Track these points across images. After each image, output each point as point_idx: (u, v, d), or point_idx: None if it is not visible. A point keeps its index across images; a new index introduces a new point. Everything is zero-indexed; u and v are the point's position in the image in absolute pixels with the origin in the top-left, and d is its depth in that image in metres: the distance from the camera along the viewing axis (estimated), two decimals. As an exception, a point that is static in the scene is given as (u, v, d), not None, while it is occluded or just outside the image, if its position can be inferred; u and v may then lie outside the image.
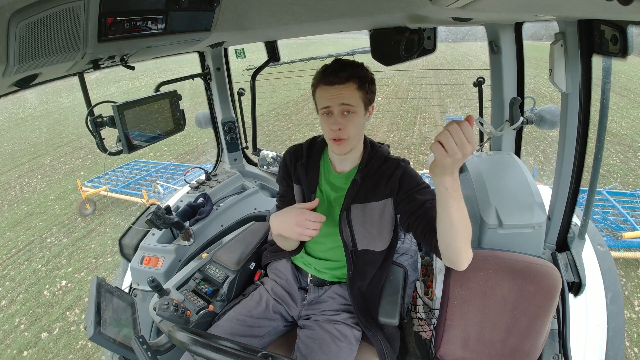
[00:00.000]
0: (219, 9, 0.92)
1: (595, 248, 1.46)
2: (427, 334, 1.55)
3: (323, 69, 1.13)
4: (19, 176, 8.39)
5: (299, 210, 1.11)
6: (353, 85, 1.10)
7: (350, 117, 1.12)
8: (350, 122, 1.12)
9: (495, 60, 1.64)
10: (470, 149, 0.79)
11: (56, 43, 0.66)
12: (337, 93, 1.09)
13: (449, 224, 0.93)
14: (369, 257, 1.28)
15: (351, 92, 1.10)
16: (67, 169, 8.59)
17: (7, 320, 3.86)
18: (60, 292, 4.21)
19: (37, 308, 3.96)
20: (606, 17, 0.85)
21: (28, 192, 7.43)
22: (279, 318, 1.35)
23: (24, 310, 3.96)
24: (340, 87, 1.09)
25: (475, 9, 0.83)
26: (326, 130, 1.15)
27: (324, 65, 1.15)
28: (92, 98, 1.15)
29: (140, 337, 0.98)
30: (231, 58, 2.27)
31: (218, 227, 1.90)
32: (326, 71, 1.11)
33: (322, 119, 1.15)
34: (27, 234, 5.64)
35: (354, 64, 1.12)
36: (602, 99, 1.14)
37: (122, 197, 5.91)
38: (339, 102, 1.10)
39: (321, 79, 1.12)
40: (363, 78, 1.12)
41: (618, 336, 1.26)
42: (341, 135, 1.12)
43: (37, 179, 8.12)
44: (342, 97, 1.09)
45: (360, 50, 1.94)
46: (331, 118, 1.12)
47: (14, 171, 8.75)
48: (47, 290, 4.26)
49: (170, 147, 9.02)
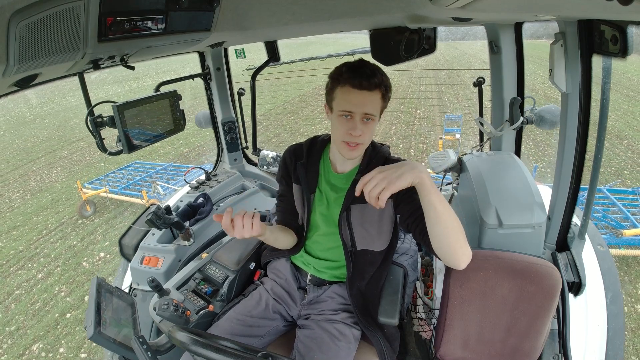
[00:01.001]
0: (219, 9, 0.92)
1: (595, 248, 1.46)
2: (427, 334, 1.55)
3: (350, 68, 1.06)
4: (37, 169, 8.81)
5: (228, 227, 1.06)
6: (379, 93, 1.07)
7: (368, 124, 1.10)
8: (367, 129, 1.10)
9: (495, 60, 1.64)
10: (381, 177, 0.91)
11: (56, 43, 0.66)
12: (363, 100, 1.05)
13: (440, 230, 0.97)
14: (368, 257, 1.28)
15: (376, 100, 1.07)
16: (87, 161, 8.94)
17: (46, 289, 4.27)
18: (99, 262, 4.64)
19: (78, 277, 4.39)
20: (606, 17, 0.85)
21: (50, 182, 7.86)
22: (279, 318, 1.35)
23: (64, 280, 4.38)
24: (368, 93, 1.05)
25: (475, 9, 0.83)
26: (341, 132, 1.11)
27: (348, 63, 1.08)
28: (98, 97, 1.16)
29: (140, 337, 0.98)
30: (231, 58, 2.27)
31: (218, 227, 1.90)
32: (356, 72, 1.04)
33: (338, 120, 1.10)
34: (57, 217, 6.08)
35: (381, 71, 1.08)
36: (602, 98, 1.14)
37: (122, 199, 5.93)
38: (363, 111, 1.06)
39: (349, 80, 1.05)
40: (388, 87, 1.09)
41: (618, 336, 1.26)
42: (357, 140, 1.11)
43: (57, 171, 8.55)
44: (367, 105, 1.06)
45: (360, 50, 1.94)
46: (350, 122, 1.09)
47: (31, 164, 9.18)
48: (85, 262, 4.68)
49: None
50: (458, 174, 1.76)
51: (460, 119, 7.89)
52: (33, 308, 4.03)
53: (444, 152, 1.70)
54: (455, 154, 1.69)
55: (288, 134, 9.50)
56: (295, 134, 9.38)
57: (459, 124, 7.77)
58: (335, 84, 1.10)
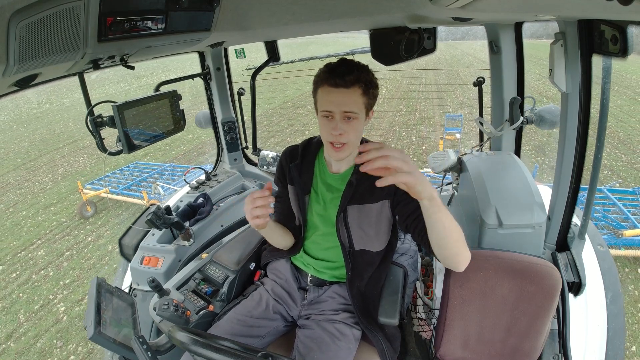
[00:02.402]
0: (219, 9, 0.92)
1: (595, 248, 1.46)
2: (427, 334, 1.55)
3: (328, 68, 1.06)
4: (61, 156, 9.49)
5: (247, 198, 1.06)
6: (358, 90, 1.05)
7: (351, 123, 1.08)
8: (351, 128, 1.09)
9: (495, 60, 1.64)
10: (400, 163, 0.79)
11: (56, 43, 0.66)
12: (341, 99, 1.04)
13: (439, 235, 0.96)
14: (367, 258, 1.28)
15: (355, 97, 1.05)
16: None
17: (98, 248, 4.92)
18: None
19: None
20: (606, 17, 0.85)
21: (79, 167, 8.49)
22: (279, 318, 1.35)
23: (115, 241, 4.86)
24: (345, 91, 1.04)
25: (475, 9, 0.83)
26: (325, 133, 1.11)
27: (328, 63, 1.08)
28: (106, 95, 1.17)
29: (140, 337, 0.98)
30: (231, 58, 2.27)
31: (218, 227, 1.90)
32: (332, 72, 1.05)
33: (321, 121, 1.11)
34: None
35: (360, 66, 1.06)
36: (602, 98, 1.14)
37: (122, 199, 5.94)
38: (342, 109, 1.05)
39: (325, 80, 1.06)
40: (368, 83, 1.07)
41: (618, 336, 1.26)
42: (341, 140, 1.09)
43: (83, 158, 9.11)
44: (346, 104, 1.05)
45: (360, 50, 1.94)
46: (332, 122, 1.08)
47: (54, 153, 9.77)
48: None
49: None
50: (458, 173, 1.76)
51: (461, 119, 7.89)
52: (88, 263, 4.63)
53: (444, 152, 1.70)
54: (456, 154, 1.69)
55: (300, 124, 10.65)
56: (307, 125, 10.47)
57: (459, 124, 7.77)
58: (316, 86, 1.11)
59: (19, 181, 8.06)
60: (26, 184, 7.86)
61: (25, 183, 7.90)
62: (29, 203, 6.80)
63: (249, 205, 1.04)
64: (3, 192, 7.53)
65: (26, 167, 8.89)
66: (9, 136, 12.29)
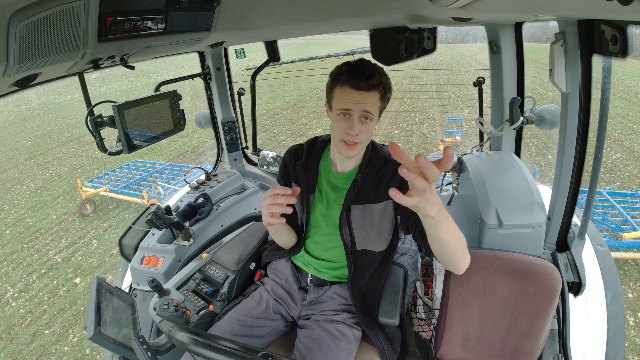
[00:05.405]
0: (219, 9, 0.92)
1: (595, 248, 1.46)
2: (427, 334, 1.55)
3: (349, 67, 1.07)
4: (79, 146, 10.30)
5: (267, 193, 1.00)
6: (377, 94, 1.07)
7: (367, 124, 1.10)
8: (365, 128, 1.11)
9: (495, 60, 1.64)
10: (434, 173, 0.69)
11: (56, 43, 0.66)
12: (362, 99, 1.06)
13: (440, 245, 0.95)
14: (368, 258, 1.28)
15: (374, 100, 1.07)
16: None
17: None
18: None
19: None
20: (606, 17, 0.85)
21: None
22: (279, 318, 1.35)
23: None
24: (366, 94, 1.05)
25: (475, 9, 0.83)
26: (339, 131, 1.12)
27: (349, 63, 1.08)
28: (116, 91, 1.17)
29: (140, 337, 0.98)
30: (231, 58, 2.27)
31: (218, 227, 1.90)
32: (354, 73, 1.05)
33: (336, 119, 1.11)
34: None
35: (381, 71, 1.08)
36: (602, 99, 1.14)
37: (122, 198, 5.94)
38: (361, 109, 1.07)
39: (348, 80, 1.06)
40: (387, 88, 1.09)
41: (618, 336, 1.26)
42: (355, 139, 1.11)
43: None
44: (366, 104, 1.06)
45: (360, 50, 1.94)
46: (348, 121, 1.09)
47: (75, 142, 10.62)
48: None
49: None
50: (458, 174, 1.76)
51: (461, 121, 7.89)
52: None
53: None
54: (455, 154, 1.69)
55: (313, 117, 11.56)
56: (319, 118, 11.35)
57: (459, 126, 7.77)
58: (334, 83, 1.11)
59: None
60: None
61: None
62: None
63: (269, 200, 0.97)
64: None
65: (53, 154, 9.57)
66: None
